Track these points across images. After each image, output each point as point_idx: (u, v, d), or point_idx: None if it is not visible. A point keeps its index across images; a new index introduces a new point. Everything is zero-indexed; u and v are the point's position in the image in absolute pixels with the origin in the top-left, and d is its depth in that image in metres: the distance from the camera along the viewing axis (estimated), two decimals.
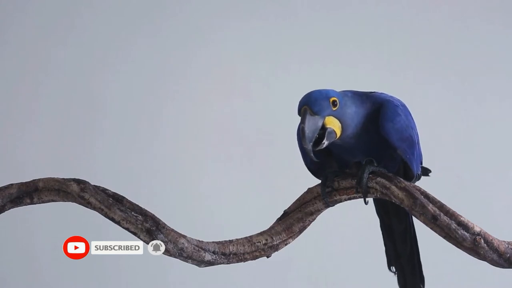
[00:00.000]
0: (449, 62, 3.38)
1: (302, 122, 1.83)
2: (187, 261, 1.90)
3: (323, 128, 1.83)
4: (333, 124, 1.84)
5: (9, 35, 3.41)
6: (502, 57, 3.39)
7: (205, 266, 1.92)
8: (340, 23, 3.42)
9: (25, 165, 3.32)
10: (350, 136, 1.88)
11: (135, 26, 3.43)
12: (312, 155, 1.83)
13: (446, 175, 3.25)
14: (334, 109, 1.84)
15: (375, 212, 2.11)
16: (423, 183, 2.04)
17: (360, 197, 1.93)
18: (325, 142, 1.84)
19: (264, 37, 3.42)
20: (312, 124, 1.82)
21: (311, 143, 1.82)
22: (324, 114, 1.83)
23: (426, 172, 2.11)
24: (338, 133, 1.85)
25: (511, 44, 3.40)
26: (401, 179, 1.87)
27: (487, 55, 3.38)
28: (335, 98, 1.84)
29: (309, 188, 1.99)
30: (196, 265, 1.91)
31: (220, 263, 1.92)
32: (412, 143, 1.93)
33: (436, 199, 1.85)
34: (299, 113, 1.85)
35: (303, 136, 1.81)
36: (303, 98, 1.86)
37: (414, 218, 2.03)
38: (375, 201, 2.09)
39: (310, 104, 1.83)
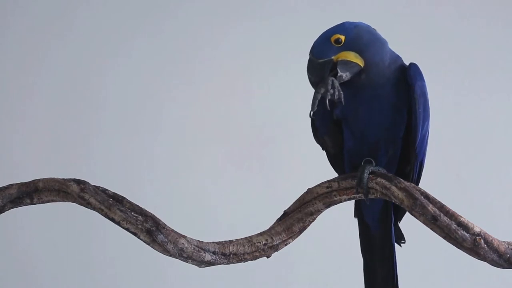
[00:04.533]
0: (449, 61, 3.38)
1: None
2: (187, 262, 1.90)
3: (334, 66, 1.74)
4: (345, 56, 1.74)
5: (7, 34, 3.41)
6: (503, 56, 3.38)
7: (205, 266, 1.92)
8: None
9: (25, 165, 3.32)
10: (377, 72, 1.74)
11: (135, 25, 3.43)
12: (327, 103, 1.71)
13: (446, 175, 3.25)
14: (338, 46, 1.75)
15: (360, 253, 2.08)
16: (423, 184, 2.04)
17: (360, 197, 1.92)
18: (342, 74, 1.72)
19: (264, 37, 3.41)
20: (314, 69, 1.73)
21: (323, 90, 1.70)
22: (328, 57, 1.74)
23: (399, 240, 2.06)
24: (359, 61, 1.74)
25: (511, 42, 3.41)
26: (401, 179, 1.86)
27: (488, 54, 3.38)
28: (337, 36, 1.76)
29: (309, 189, 1.98)
30: (196, 265, 1.91)
31: (220, 263, 1.92)
32: (427, 116, 1.84)
33: (436, 199, 1.85)
34: None
35: (311, 83, 1.73)
36: None
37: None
38: (361, 239, 2.07)
39: (312, 51, 1.76)
